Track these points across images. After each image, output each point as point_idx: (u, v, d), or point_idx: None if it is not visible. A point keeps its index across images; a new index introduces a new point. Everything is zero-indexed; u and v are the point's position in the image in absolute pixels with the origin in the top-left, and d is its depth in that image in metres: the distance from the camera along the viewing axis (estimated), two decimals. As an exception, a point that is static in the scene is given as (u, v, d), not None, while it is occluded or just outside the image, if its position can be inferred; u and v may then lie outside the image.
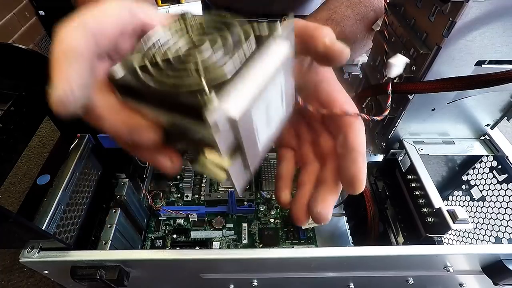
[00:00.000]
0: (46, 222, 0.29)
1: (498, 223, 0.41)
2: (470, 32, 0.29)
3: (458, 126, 0.41)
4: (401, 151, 0.43)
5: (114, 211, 0.41)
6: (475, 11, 0.27)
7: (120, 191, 0.43)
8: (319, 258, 0.31)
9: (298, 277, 0.36)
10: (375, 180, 0.46)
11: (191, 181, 0.56)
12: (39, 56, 0.30)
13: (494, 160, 0.41)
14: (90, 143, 0.37)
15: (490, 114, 0.39)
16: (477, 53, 0.31)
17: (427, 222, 0.36)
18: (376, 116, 0.27)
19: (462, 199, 0.47)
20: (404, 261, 0.32)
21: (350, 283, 0.37)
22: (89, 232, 0.37)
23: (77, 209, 0.35)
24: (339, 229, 0.53)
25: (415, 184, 0.39)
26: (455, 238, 0.48)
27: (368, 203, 0.41)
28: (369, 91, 0.42)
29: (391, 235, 0.41)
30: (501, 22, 0.28)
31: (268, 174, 0.55)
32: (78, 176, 0.35)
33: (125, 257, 0.31)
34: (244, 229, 0.52)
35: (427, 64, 0.32)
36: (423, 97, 0.36)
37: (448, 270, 0.32)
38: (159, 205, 0.53)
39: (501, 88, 0.30)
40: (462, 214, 0.32)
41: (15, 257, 0.51)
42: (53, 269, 0.32)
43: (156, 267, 0.33)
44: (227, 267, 0.33)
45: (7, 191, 0.61)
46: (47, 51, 1.53)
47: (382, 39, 0.40)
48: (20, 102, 0.30)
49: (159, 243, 0.50)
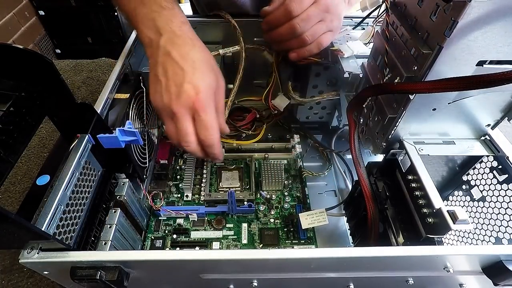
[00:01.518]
0: (45, 222, 0.29)
1: (498, 223, 0.41)
2: (472, 32, 0.29)
3: (458, 126, 0.41)
4: (401, 151, 0.43)
5: (114, 211, 0.41)
6: (477, 10, 0.27)
7: (120, 191, 0.43)
8: (319, 259, 0.31)
9: (298, 278, 0.36)
10: (375, 180, 0.46)
11: (191, 181, 0.56)
12: (39, 56, 0.30)
13: (494, 161, 0.41)
14: (90, 143, 0.37)
15: (490, 114, 0.39)
16: (478, 53, 0.31)
17: (427, 222, 0.36)
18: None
19: (462, 200, 0.47)
20: (404, 261, 0.32)
21: (350, 284, 0.37)
22: (89, 232, 0.37)
23: (77, 209, 0.35)
24: (339, 229, 0.53)
25: (415, 184, 0.39)
26: (455, 238, 0.48)
27: (368, 203, 0.41)
28: (369, 90, 0.42)
29: (391, 235, 0.41)
30: (503, 22, 0.28)
31: (268, 174, 0.55)
32: (78, 176, 0.35)
33: (125, 257, 0.31)
34: (244, 229, 0.52)
35: (428, 64, 0.32)
36: (424, 97, 0.35)
37: (448, 270, 0.32)
38: (159, 205, 0.53)
39: (502, 88, 0.30)
40: (462, 215, 0.32)
41: (15, 257, 0.51)
42: (53, 270, 0.32)
43: (156, 267, 0.33)
44: (227, 267, 0.33)
45: (7, 191, 0.61)
46: (47, 51, 1.54)
47: (384, 38, 0.40)
48: (20, 102, 0.29)
49: (159, 243, 0.50)
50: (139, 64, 0.56)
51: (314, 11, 0.43)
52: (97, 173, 0.40)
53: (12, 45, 0.29)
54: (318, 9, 0.43)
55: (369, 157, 0.60)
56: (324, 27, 0.44)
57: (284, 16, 0.43)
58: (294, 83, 0.56)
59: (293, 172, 0.59)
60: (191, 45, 0.40)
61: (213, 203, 0.54)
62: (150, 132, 0.56)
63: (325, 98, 0.57)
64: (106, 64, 0.93)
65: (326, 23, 0.44)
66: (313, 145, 0.65)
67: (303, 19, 0.43)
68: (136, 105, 0.50)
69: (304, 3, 0.42)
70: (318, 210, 0.48)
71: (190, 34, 0.41)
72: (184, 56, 0.39)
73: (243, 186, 0.57)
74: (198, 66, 0.39)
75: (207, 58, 0.41)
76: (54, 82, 0.32)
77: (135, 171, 0.46)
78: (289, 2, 0.43)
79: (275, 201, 0.55)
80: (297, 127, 0.65)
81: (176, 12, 0.42)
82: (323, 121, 0.66)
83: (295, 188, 0.57)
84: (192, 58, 0.39)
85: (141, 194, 0.50)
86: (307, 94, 0.58)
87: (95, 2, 1.58)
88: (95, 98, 0.52)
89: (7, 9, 1.46)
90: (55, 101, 0.33)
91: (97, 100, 0.43)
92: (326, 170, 0.60)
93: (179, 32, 0.40)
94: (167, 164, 0.58)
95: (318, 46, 0.46)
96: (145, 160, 0.51)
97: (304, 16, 0.43)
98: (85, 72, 0.90)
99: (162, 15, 0.40)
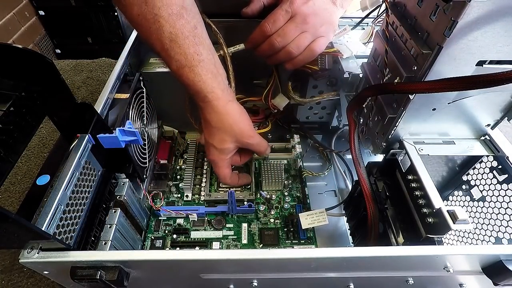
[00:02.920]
0: (46, 222, 0.29)
1: (498, 223, 0.41)
2: (472, 31, 0.29)
3: (458, 126, 0.41)
4: (401, 151, 0.43)
5: (114, 211, 0.41)
6: (477, 10, 0.27)
7: (120, 191, 0.43)
8: (319, 259, 0.31)
9: (298, 277, 0.36)
10: (375, 180, 0.46)
11: (191, 181, 0.56)
12: (39, 56, 0.30)
13: (494, 160, 0.41)
14: (90, 143, 0.37)
15: (490, 114, 0.39)
16: (478, 53, 0.31)
17: (427, 222, 0.36)
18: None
19: (462, 199, 0.47)
20: (404, 261, 0.32)
21: (350, 283, 0.37)
22: (89, 232, 0.37)
23: (77, 209, 0.35)
24: (339, 229, 0.53)
25: (415, 184, 0.39)
26: (455, 238, 0.48)
27: (368, 203, 0.41)
28: (369, 90, 0.42)
29: (391, 235, 0.41)
30: (503, 22, 0.28)
31: (268, 174, 0.55)
32: (78, 176, 0.35)
33: (125, 257, 0.31)
34: (244, 229, 0.52)
35: (428, 64, 0.32)
36: (423, 97, 0.35)
37: (448, 270, 0.32)
38: (159, 205, 0.53)
39: (502, 88, 0.30)
40: (462, 215, 0.32)
41: (15, 257, 0.51)
42: (53, 270, 0.32)
43: (156, 267, 0.33)
44: (227, 267, 0.33)
45: (7, 191, 0.61)
46: (47, 51, 1.54)
47: (383, 38, 0.40)
48: (20, 102, 0.29)
49: (159, 243, 0.50)
50: (139, 64, 0.56)
51: (290, 26, 0.44)
52: (97, 173, 0.40)
53: (12, 45, 0.29)
54: (295, 23, 0.44)
55: (369, 157, 0.60)
56: (309, 36, 0.45)
57: (261, 35, 0.46)
58: (294, 83, 0.56)
59: (293, 172, 0.59)
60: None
61: (213, 203, 0.54)
62: (150, 132, 0.56)
63: (325, 98, 0.57)
64: (106, 64, 0.93)
65: (311, 32, 0.45)
66: (313, 145, 0.65)
67: (279, 35, 0.45)
68: (136, 105, 0.50)
69: (278, 22, 0.44)
70: (318, 210, 0.48)
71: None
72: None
73: (243, 186, 0.57)
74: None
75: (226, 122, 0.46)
76: (54, 82, 0.32)
77: (135, 171, 0.46)
78: (263, 22, 0.45)
79: (275, 201, 0.55)
80: (297, 127, 0.65)
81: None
82: (323, 121, 0.66)
83: (295, 188, 0.57)
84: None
85: (141, 194, 0.50)
86: (307, 94, 0.58)
87: (95, 2, 1.58)
88: (95, 98, 0.52)
89: (7, 9, 1.46)
90: (55, 101, 0.33)
91: (97, 100, 0.43)
92: (326, 170, 0.60)
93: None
94: (167, 164, 0.58)
95: (311, 53, 0.46)
96: (145, 160, 0.51)
97: (281, 32, 0.44)
98: (85, 72, 0.90)
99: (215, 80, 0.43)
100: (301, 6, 0.44)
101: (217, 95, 0.43)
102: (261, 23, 0.45)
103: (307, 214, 0.48)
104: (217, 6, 0.54)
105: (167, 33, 0.38)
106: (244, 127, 0.46)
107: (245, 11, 0.53)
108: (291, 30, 0.44)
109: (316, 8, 0.44)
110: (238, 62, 0.52)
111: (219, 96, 0.43)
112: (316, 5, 0.44)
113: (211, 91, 0.42)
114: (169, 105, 0.60)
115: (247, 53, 0.52)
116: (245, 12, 0.53)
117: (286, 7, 0.44)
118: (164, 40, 0.39)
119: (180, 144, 0.63)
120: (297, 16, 0.44)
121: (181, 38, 0.39)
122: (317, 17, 0.44)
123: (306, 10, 0.44)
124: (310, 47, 0.46)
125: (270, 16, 0.45)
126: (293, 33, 0.44)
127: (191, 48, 0.40)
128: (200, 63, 0.41)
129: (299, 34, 0.45)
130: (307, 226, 0.47)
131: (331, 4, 0.46)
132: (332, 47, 0.51)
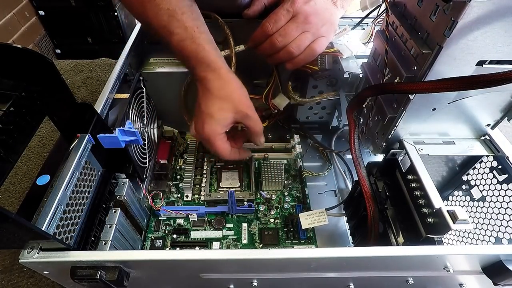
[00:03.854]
0: (46, 222, 0.29)
1: (498, 223, 0.41)
2: (472, 31, 0.29)
3: (458, 126, 0.41)
4: (401, 151, 0.43)
5: (114, 211, 0.41)
6: (477, 10, 0.27)
7: (120, 191, 0.43)
8: (319, 259, 0.31)
9: (298, 277, 0.36)
10: (375, 180, 0.46)
11: (191, 181, 0.56)
12: (39, 56, 0.30)
13: (494, 160, 0.41)
14: (90, 143, 0.37)
15: (490, 114, 0.39)
16: (478, 53, 0.31)
17: (427, 222, 0.36)
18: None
19: (462, 199, 0.47)
20: (404, 261, 0.32)
21: (350, 283, 0.37)
22: (89, 232, 0.37)
23: (77, 209, 0.35)
24: (339, 229, 0.53)
25: (415, 184, 0.39)
26: (455, 238, 0.48)
27: (368, 203, 0.41)
28: (369, 90, 0.42)
29: (391, 235, 0.41)
30: (503, 22, 0.28)
31: (268, 174, 0.55)
32: (78, 176, 0.35)
33: (125, 257, 0.31)
34: (244, 229, 0.52)
35: (428, 63, 0.32)
36: (423, 97, 0.35)
37: (448, 270, 0.32)
38: (159, 205, 0.53)
39: (501, 88, 0.30)
40: (462, 215, 0.32)
41: (15, 257, 0.51)
42: (53, 270, 0.32)
43: (156, 267, 0.33)
44: (227, 267, 0.33)
45: (7, 191, 0.61)
46: (47, 51, 1.54)
47: (383, 38, 0.40)
48: (20, 102, 0.29)
49: (159, 243, 0.50)
50: (139, 64, 0.56)
51: (291, 26, 0.44)
52: (97, 173, 0.40)
53: (12, 45, 0.29)
54: (297, 23, 0.44)
55: (369, 157, 0.60)
56: (310, 36, 0.45)
57: (262, 35, 0.46)
58: (294, 83, 0.56)
59: (293, 172, 0.59)
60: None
61: (213, 203, 0.54)
62: (150, 132, 0.56)
63: (325, 98, 0.57)
64: (106, 64, 0.93)
65: (311, 32, 0.45)
66: (313, 145, 0.65)
67: (281, 34, 0.45)
68: (136, 105, 0.50)
69: (279, 22, 0.45)
70: (318, 210, 0.48)
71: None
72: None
73: (243, 186, 0.57)
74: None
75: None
76: (54, 82, 0.32)
77: (135, 171, 0.46)
78: (264, 22, 0.45)
79: (275, 201, 0.55)
80: (297, 127, 0.65)
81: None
82: (323, 121, 0.66)
83: (295, 188, 0.57)
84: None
85: (141, 194, 0.50)
86: (307, 94, 0.58)
87: (95, 2, 1.58)
88: (95, 98, 0.52)
89: (7, 9, 1.46)
90: (55, 101, 0.33)
91: (97, 100, 0.43)
92: (326, 170, 0.60)
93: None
94: (167, 164, 0.58)
95: (312, 53, 0.46)
96: (145, 160, 0.51)
97: (282, 32, 0.45)
98: (85, 72, 0.90)
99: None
100: (303, 6, 0.44)
101: (220, 64, 0.44)
102: (263, 22, 0.46)
103: (307, 214, 0.48)
104: (217, 7, 0.54)
105: (164, 10, 0.40)
106: (243, 97, 0.46)
107: (247, 12, 0.53)
108: (292, 30, 0.44)
109: (317, 8, 0.44)
110: (238, 62, 0.52)
111: (221, 65, 0.44)
112: (317, 5, 0.44)
113: (214, 60, 0.43)
114: (169, 105, 0.60)
115: (247, 54, 0.52)
116: (247, 14, 0.54)
117: (287, 6, 0.44)
118: (162, 17, 0.40)
119: (180, 144, 0.63)
120: (298, 16, 0.44)
121: (179, 13, 0.41)
122: (318, 17, 0.45)
123: (307, 10, 0.44)
124: (311, 47, 0.46)
125: (271, 16, 0.45)
126: (294, 33, 0.45)
127: (190, 22, 0.41)
128: (201, 35, 0.42)
129: (300, 34, 0.45)
130: (307, 226, 0.47)
131: (332, 4, 0.46)
132: (332, 47, 0.51)
